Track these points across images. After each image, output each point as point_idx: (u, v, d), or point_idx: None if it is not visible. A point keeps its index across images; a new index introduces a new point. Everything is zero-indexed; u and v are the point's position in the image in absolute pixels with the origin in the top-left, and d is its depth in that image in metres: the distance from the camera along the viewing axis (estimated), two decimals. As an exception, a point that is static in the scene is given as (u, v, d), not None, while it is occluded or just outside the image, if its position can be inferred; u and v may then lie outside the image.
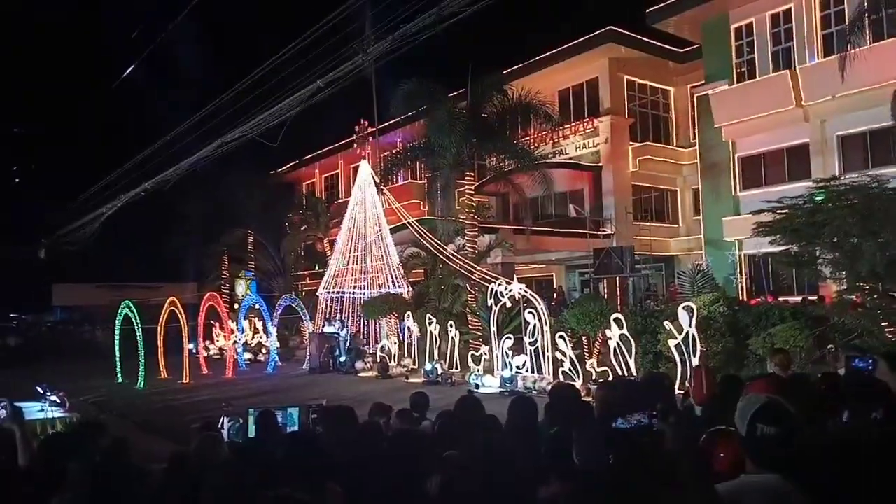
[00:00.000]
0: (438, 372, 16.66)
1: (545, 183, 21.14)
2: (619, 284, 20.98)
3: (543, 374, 14.33)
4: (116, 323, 20.08)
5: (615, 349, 12.97)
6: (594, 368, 13.49)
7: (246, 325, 25.05)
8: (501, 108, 20.52)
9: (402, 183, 30.50)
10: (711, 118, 22.23)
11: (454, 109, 20.50)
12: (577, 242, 24.82)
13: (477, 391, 12.72)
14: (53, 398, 10.18)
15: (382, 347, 19.78)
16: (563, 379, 13.27)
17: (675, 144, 28.46)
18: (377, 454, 3.92)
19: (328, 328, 21.46)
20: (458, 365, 17.39)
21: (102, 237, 27.34)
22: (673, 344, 12.11)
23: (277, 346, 22.79)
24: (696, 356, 11.78)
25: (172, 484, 3.88)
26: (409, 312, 19.50)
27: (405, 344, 19.40)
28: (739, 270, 21.57)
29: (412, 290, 22.12)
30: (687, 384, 9.48)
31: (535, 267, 29.58)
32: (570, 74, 27.57)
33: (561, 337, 14.07)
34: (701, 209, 23.87)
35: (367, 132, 23.53)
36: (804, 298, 17.00)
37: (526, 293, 15.18)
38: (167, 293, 23.00)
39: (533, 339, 14.67)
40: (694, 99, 24.43)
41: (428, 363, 17.16)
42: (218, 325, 24.61)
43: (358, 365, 19.73)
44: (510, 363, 14.92)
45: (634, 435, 2.76)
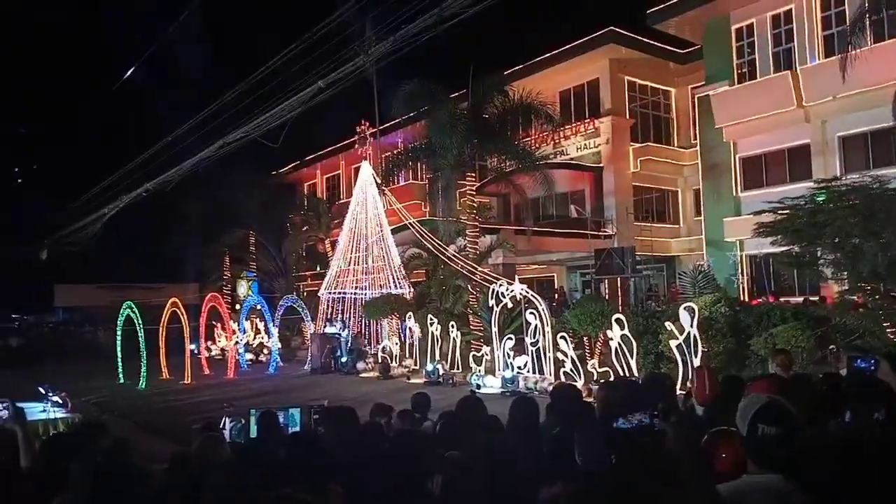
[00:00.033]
0: (440, 372, 16.65)
1: (546, 184, 21.13)
2: (620, 285, 20.96)
3: (545, 374, 14.31)
4: (118, 323, 20.12)
5: (616, 350, 12.96)
6: (595, 369, 13.49)
7: (247, 325, 25.04)
8: (502, 108, 20.51)
9: (403, 184, 30.55)
10: (712, 119, 22.24)
11: (455, 110, 20.50)
12: (578, 243, 24.83)
13: (478, 392, 12.69)
14: (55, 399, 10.19)
15: (384, 348, 19.78)
16: (564, 379, 13.27)
17: (675, 145, 28.47)
18: (379, 455, 3.92)
19: (329, 329, 21.45)
20: (459, 365, 17.40)
21: (104, 238, 27.37)
22: (674, 344, 12.11)
23: (279, 346, 22.77)
24: (697, 357, 11.79)
25: (174, 484, 3.88)
26: (410, 313, 19.50)
27: (406, 344, 19.39)
28: (741, 271, 21.58)
29: (413, 290, 22.12)
30: (689, 384, 9.48)
31: (536, 267, 29.59)
32: (571, 75, 27.59)
33: (562, 337, 14.07)
34: (702, 210, 23.88)
35: (368, 133, 23.52)
36: (805, 299, 17.01)
37: (527, 294, 15.16)
38: (169, 294, 23.01)
39: (534, 339, 14.66)
40: (695, 99, 24.45)
41: (429, 364, 17.15)
42: (219, 325, 24.60)
43: (359, 365, 19.73)
44: (511, 364, 14.90)
45: (636, 435, 2.76)
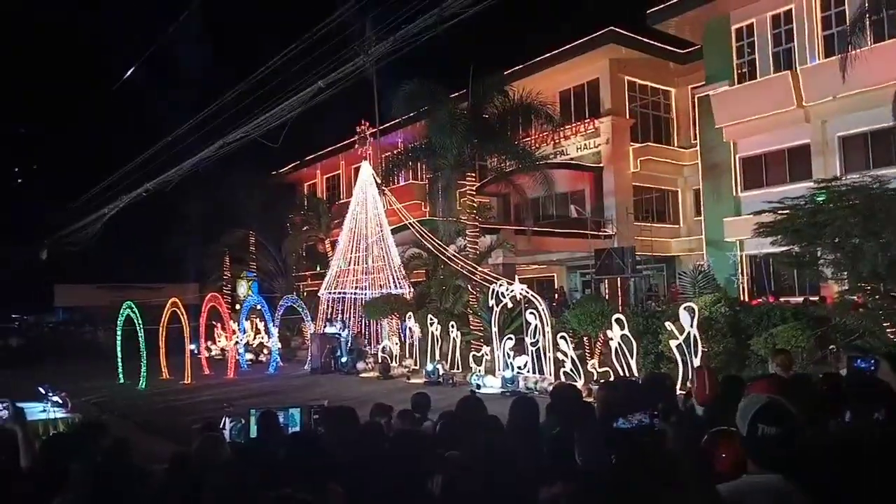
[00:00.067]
0: (440, 372, 16.65)
1: (546, 184, 21.13)
2: (620, 285, 20.96)
3: (545, 374, 14.31)
4: (118, 323, 20.11)
5: (617, 350, 12.96)
6: (596, 369, 13.48)
7: (247, 325, 25.03)
8: (502, 108, 20.50)
9: (403, 184, 30.55)
10: (712, 119, 22.24)
11: (455, 110, 20.49)
12: (578, 243, 24.83)
13: (478, 392, 12.69)
14: (55, 399, 10.19)
15: (384, 348, 19.78)
16: (564, 379, 13.27)
17: (676, 145, 28.48)
18: (379, 455, 3.92)
19: (330, 329, 21.45)
20: (459, 365, 17.39)
21: (104, 238, 27.37)
22: (674, 344, 12.11)
23: (279, 346, 22.76)
24: (697, 357, 11.79)
25: (174, 484, 3.88)
26: (410, 313, 19.49)
27: (406, 344, 19.39)
28: (741, 271, 21.58)
29: (413, 290, 22.12)
30: (689, 384, 9.48)
31: (536, 267, 29.59)
32: (571, 75, 27.59)
33: (562, 337, 14.07)
34: (702, 210, 23.88)
35: (368, 133, 23.52)
36: (805, 299, 17.01)
37: (527, 294, 15.16)
38: (169, 294, 23.00)
39: (534, 339, 14.66)
40: (695, 100, 24.45)
41: (429, 364, 17.14)
42: (220, 325, 24.60)
43: (359, 365, 19.72)
44: (511, 364, 14.90)
45: (636, 435, 2.76)
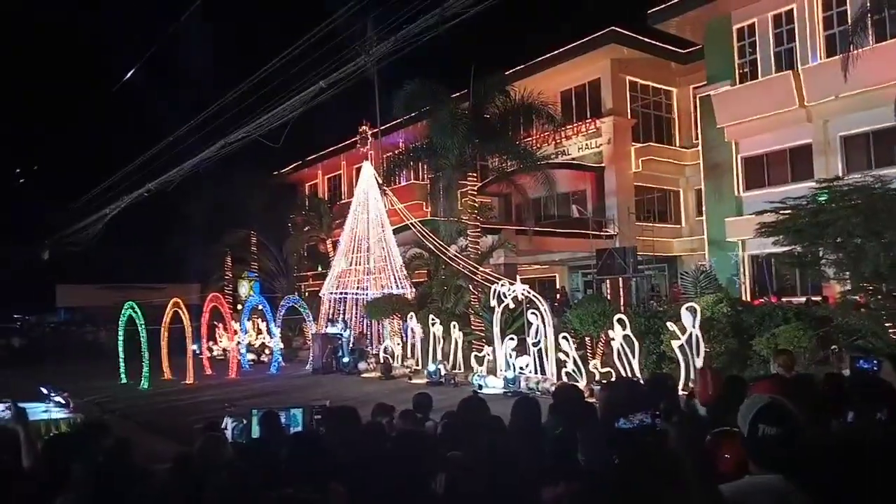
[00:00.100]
0: (441, 373, 16.64)
1: (548, 184, 21.12)
2: (622, 285, 20.95)
3: (546, 374, 14.29)
4: (120, 324, 20.10)
5: (618, 350, 12.94)
6: (597, 369, 13.46)
7: (249, 325, 25.04)
8: (504, 108, 20.49)
9: (404, 184, 30.55)
10: (714, 119, 22.23)
11: (456, 110, 20.47)
12: (579, 243, 24.82)
13: (480, 392, 12.70)
14: (57, 399, 10.18)
15: (385, 348, 19.78)
16: (566, 380, 13.27)
17: (677, 145, 28.46)
18: (380, 455, 3.92)
19: (331, 329, 21.44)
20: (461, 366, 17.38)
21: (106, 238, 27.41)
22: (676, 345, 12.11)
23: (281, 346, 22.77)
24: (699, 357, 11.78)
25: (176, 484, 3.88)
26: (412, 313, 19.49)
27: (408, 345, 19.39)
28: (742, 271, 21.56)
29: (415, 290, 22.11)
30: (691, 385, 9.47)
31: (537, 267, 29.59)
32: (572, 75, 27.58)
33: (564, 338, 14.05)
34: (704, 210, 23.87)
35: (369, 133, 23.52)
36: (808, 299, 16.99)
37: (529, 294, 15.16)
38: (171, 294, 22.98)
39: (536, 339, 14.64)
40: (696, 99, 24.44)
41: (431, 364, 17.13)
42: (221, 325, 24.61)
43: (361, 366, 19.73)
44: (513, 364, 14.89)
45: (637, 435, 2.76)
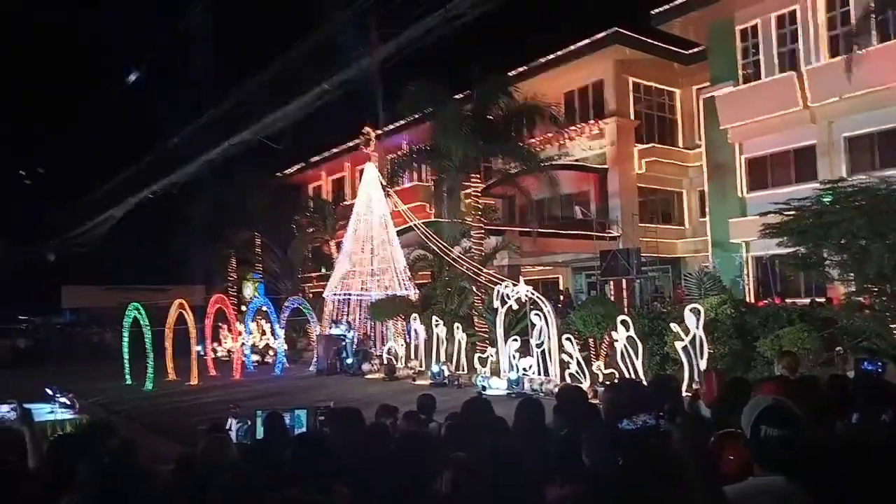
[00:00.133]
0: (445, 374, 16.64)
1: (551, 185, 21.08)
2: (625, 286, 20.93)
3: (550, 375, 14.30)
4: (125, 325, 20.10)
5: (622, 351, 12.93)
6: (601, 370, 13.46)
7: (254, 326, 25.07)
8: (507, 110, 20.47)
9: (408, 185, 30.52)
10: (717, 120, 22.21)
11: (460, 111, 20.46)
12: (583, 244, 24.79)
13: (483, 393, 12.70)
14: (63, 400, 10.22)
15: (389, 349, 19.77)
16: (569, 381, 13.26)
17: (680, 146, 28.42)
18: (384, 456, 3.92)
19: (335, 330, 21.45)
20: (464, 367, 17.38)
21: (111, 239, 27.51)
22: (680, 346, 12.09)
23: (285, 347, 22.79)
24: (703, 358, 11.76)
25: (180, 485, 3.89)
26: (415, 314, 19.50)
27: (412, 346, 19.40)
28: (746, 272, 21.50)
29: (419, 292, 22.11)
30: (694, 386, 9.47)
31: (541, 269, 29.57)
32: (575, 76, 27.57)
33: (567, 339, 14.05)
34: (707, 211, 23.83)
35: (373, 135, 23.53)
36: (812, 300, 16.94)
37: (532, 295, 15.16)
38: (175, 295, 23.00)
39: (539, 341, 14.64)
40: (700, 100, 24.40)
41: (434, 365, 17.14)
42: (226, 327, 24.64)
43: (365, 367, 19.74)
44: (517, 365, 14.88)
45: (640, 436, 2.76)
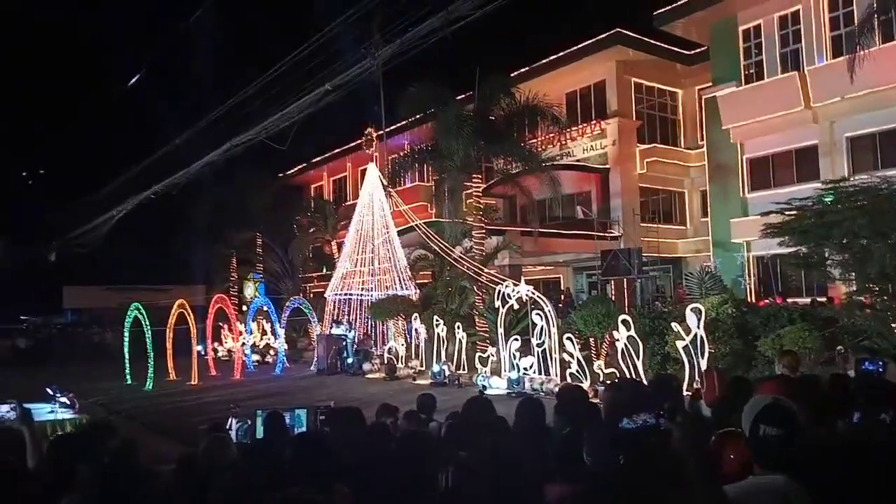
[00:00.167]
0: (446, 373, 16.64)
1: (552, 185, 21.08)
2: (626, 286, 20.93)
3: (551, 375, 14.30)
4: (125, 325, 20.11)
5: (623, 351, 12.92)
6: (602, 370, 13.46)
7: (254, 326, 25.10)
8: (509, 110, 20.46)
9: (409, 185, 30.53)
10: (719, 120, 22.19)
11: (462, 112, 20.46)
12: (584, 244, 24.80)
13: (484, 392, 12.70)
14: (63, 399, 10.20)
15: (390, 349, 19.77)
16: (570, 380, 13.26)
17: (682, 146, 28.42)
18: (385, 455, 3.92)
19: (336, 330, 21.45)
20: (465, 366, 17.37)
21: (112, 240, 27.51)
22: (681, 345, 12.08)
23: (285, 347, 22.79)
24: (704, 358, 11.75)
25: (180, 485, 3.89)
26: (416, 314, 19.51)
27: (412, 345, 19.41)
28: (748, 272, 21.50)
29: (420, 291, 22.12)
30: (695, 385, 9.45)
31: (542, 269, 29.57)
32: (577, 77, 27.56)
33: (568, 338, 14.05)
34: (709, 211, 23.82)
35: (374, 135, 23.54)
36: (813, 300, 16.94)
37: (533, 295, 15.16)
38: (176, 295, 23.01)
39: (540, 340, 14.64)
40: (702, 101, 24.39)
41: (435, 365, 17.14)
42: (226, 326, 24.65)
43: (365, 366, 19.75)
44: (517, 365, 14.88)
45: (641, 435, 2.76)
